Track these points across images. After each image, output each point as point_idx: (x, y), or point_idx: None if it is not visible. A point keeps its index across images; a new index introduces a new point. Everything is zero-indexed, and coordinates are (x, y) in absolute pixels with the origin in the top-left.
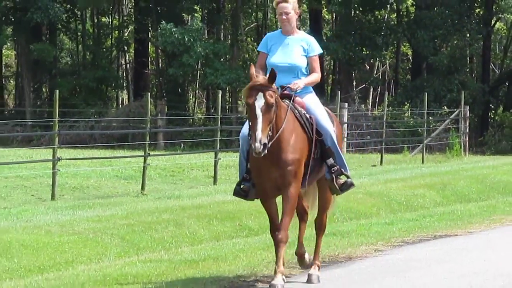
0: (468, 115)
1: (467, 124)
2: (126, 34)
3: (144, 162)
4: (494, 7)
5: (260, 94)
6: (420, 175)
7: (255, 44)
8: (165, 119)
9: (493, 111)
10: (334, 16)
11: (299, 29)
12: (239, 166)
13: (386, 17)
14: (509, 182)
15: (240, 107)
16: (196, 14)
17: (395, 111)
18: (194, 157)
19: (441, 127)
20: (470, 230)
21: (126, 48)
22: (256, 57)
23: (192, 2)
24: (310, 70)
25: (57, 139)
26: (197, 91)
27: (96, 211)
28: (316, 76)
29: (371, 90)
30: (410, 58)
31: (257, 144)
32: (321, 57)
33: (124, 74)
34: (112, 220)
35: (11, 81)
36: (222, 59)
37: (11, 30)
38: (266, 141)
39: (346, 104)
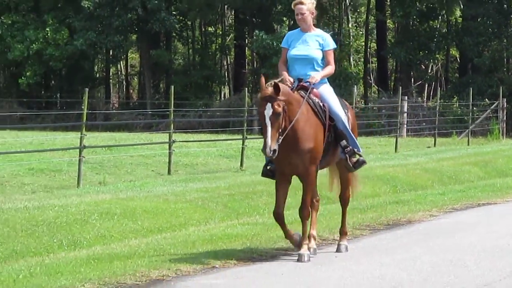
0: (505, 105)
1: (505, 113)
2: (227, 41)
3: (242, 144)
4: None
5: (269, 104)
6: (466, 154)
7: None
8: None
9: None
10: (396, 26)
11: (316, 27)
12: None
13: (438, 26)
14: None
15: None
16: (284, 24)
17: (445, 103)
18: None
19: (483, 116)
20: (507, 199)
21: (227, 51)
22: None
23: (281, 14)
24: (325, 63)
25: (172, 125)
26: None
27: (203, 183)
28: (330, 69)
29: (426, 86)
30: (458, 59)
31: (267, 150)
32: (335, 51)
33: (226, 73)
34: (216, 191)
35: (135, 79)
36: None
37: (135, 37)
38: (275, 147)
39: (406, 97)
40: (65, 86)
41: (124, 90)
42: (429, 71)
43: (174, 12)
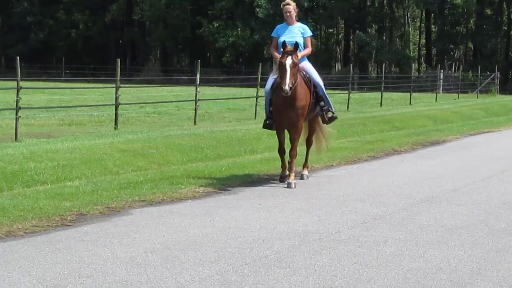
0: (498, 76)
1: (498, 80)
2: (340, 37)
3: (349, 95)
4: None
5: (290, 56)
6: (476, 103)
7: None
8: None
9: None
10: (437, 28)
11: (298, 21)
12: (265, 108)
13: (461, 30)
14: None
15: None
16: (373, 27)
17: (465, 74)
18: None
19: (486, 81)
20: (500, 129)
21: (340, 43)
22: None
23: (371, 22)
24: (305, 46)
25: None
26: None
27: None
28: (308, 50)
29: (453, 64)
30: (472, 48)
31: (286, 87)
32: (312, 38)
33: (339, 56)
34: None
35: None
36: None
37: None
38: (291, 86)
39: (442, 70)
40: (248, 62)
41: None
42: (455, 55)
43: (310, 20)
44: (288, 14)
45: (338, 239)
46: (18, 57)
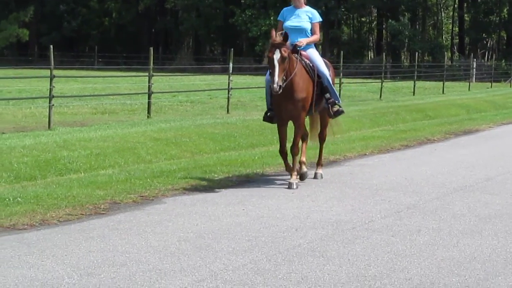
0: None
1: None
2: (372, 25)
3: (381, 83)
4: None
5: (277, 50)
6: (509, 92)
7: None
8: None
9: None
10: (470, 17)
11: (306, 4)
12: (266, 100)
13: (494, 19)
14: None
15: None
16: (406, 15)
17: (497, 63)
18: None
19: None
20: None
21: (372, 32)
22: None
23: (404, 10)
24: (312, 32)
25: (341, 73)
26: None
27: (359, 107)
28: (315, 37)
29: (486, 52)
30: (505, 38)
31: (275, 85)
32: (320, 23)
33: (372, 44)
34: (365, 111)
35: (319, 46)
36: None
37: None
38: (281, 83)
39: (475, 59)
40: None
41: None
42: (488, 44)
43: (342, 9)
44: None
45: (371, 228)
46: (51, 46)
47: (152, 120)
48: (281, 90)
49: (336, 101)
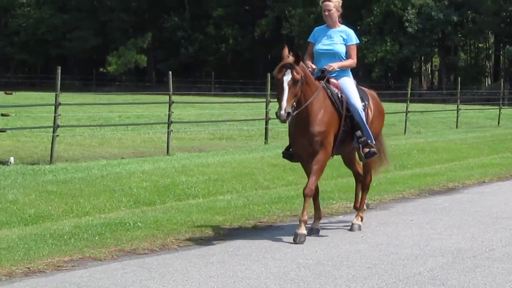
0: None
1: None
2: (490, 51)
3: (499, 110)
4: None
5: (288, 70)
6: None
7: None
8: None
9: None
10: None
11: (341, 23)
12: (288, 131)
13: None
14: None
15: None
16: None
17: None
18: None
19: None
20: None
21: (490, 57)
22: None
23: None
24: (347, 56)
25: (458, 100)
26: None
27: (476, 133)
28: (351, 62)
29: None
30: None
31: (282, 112)
32: (357, 46)
33: (490, 70)
34: (483, 138)
35: (436, 72)
36: None
37: (436, 50)
38: (290, 110)
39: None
40: (396, 77)
41: (430, 79)
42: None
43: (459, 35)
44: (327, 13)
45: (492, 257)
46: (170, 72)
47: (269, 146)
48: (289, 119)
49: (369, 141)
